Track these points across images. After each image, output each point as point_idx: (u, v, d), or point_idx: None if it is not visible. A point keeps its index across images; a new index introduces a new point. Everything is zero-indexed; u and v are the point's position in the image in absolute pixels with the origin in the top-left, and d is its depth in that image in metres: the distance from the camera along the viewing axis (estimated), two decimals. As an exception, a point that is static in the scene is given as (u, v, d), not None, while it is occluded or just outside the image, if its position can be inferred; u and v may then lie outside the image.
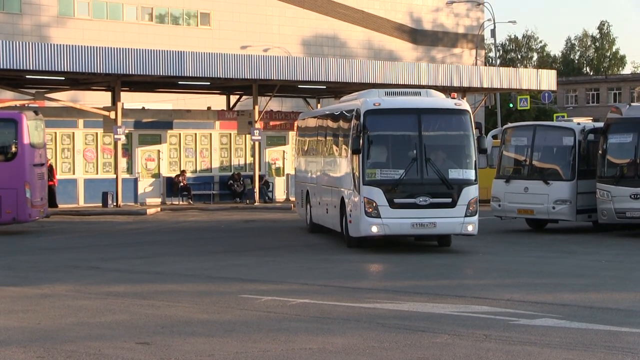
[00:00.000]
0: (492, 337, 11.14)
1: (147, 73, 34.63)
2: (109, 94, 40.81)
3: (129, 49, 34.49)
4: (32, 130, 25.99)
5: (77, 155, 37.47)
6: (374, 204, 19.95)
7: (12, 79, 36.07)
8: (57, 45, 33.72)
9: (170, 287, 15.70)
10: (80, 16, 52.40)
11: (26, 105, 36.12)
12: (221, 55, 36.12)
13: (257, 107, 38.83)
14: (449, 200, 20.04)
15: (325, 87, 40.97)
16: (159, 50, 35.18)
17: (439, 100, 21.43)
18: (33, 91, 37.22)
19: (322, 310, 13.12)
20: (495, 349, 10.56)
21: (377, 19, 63.09)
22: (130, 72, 34.20)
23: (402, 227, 20.12)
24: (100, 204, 35.98)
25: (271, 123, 41.41)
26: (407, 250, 21.47)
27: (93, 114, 36.27)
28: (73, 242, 24.33)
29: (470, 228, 20.20)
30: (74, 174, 37.31)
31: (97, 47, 33.88)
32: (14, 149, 25.61)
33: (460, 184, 20.07)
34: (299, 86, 40.51)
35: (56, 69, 32.71)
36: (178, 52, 35.41)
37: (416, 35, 65.23)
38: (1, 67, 31.66)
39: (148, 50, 34.94)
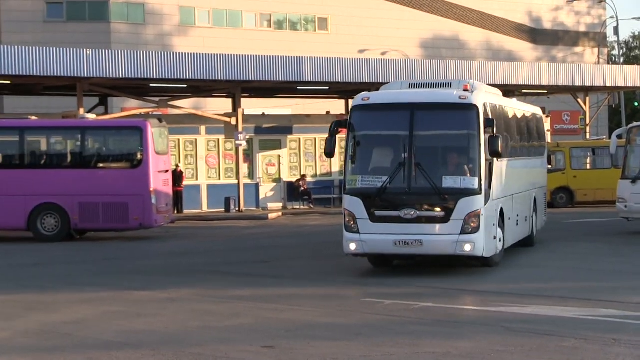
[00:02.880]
0: (622, 342, 10.87)
1: (267, 79, 35.02)
2: (229, 101, 41.46)
3: (248, 55, 34.96)
4: (156, 137, 26.51)
5: (200, 162, 38.16)
6: (354, 217, 16.90)
7: (137, 88, 36.99)
8: (179, 53, 34.46)
9: (292, 290, 15.85)
10: (200, 24, 53.38)
11: (150, 113, 36.98)
12: (339, 60, 36.29)
13: (375, 111, 38.77)
14: (441, 213, 16.63)
15: (444, 89, 40.65)
16: (278, 56, 35.54)
17: (440, 93, 17.94)
18: (157, 99, 38.05)
19: (445, 314, 13.05)
20: (625, 353, 10.30)
21: (496, 19, 62.39)
22: (250, 79, 34.64)
23: (383, 244, 16.85)
24: (223, 209, 36.58)
25: (390, 126, 41.30)
26: (527, 252, 21.12)
27: (214, 120, 36.87)
28: (197, 246, 24.78)
29: (467, 248, 16.56)
30: (197, 180, 38.00)
31: (217, 55, 34.44)
32: (139, 156, 26.16)
33: (457, 194, 16.55)
34: (418, 89, 40.27)
35: (179, 77, 33.41)
36: (297, 57, 35.70)
37: (536, 35, 64.24)
38: (126, 76, 32.53)
39: (267, 56, 35.35)
